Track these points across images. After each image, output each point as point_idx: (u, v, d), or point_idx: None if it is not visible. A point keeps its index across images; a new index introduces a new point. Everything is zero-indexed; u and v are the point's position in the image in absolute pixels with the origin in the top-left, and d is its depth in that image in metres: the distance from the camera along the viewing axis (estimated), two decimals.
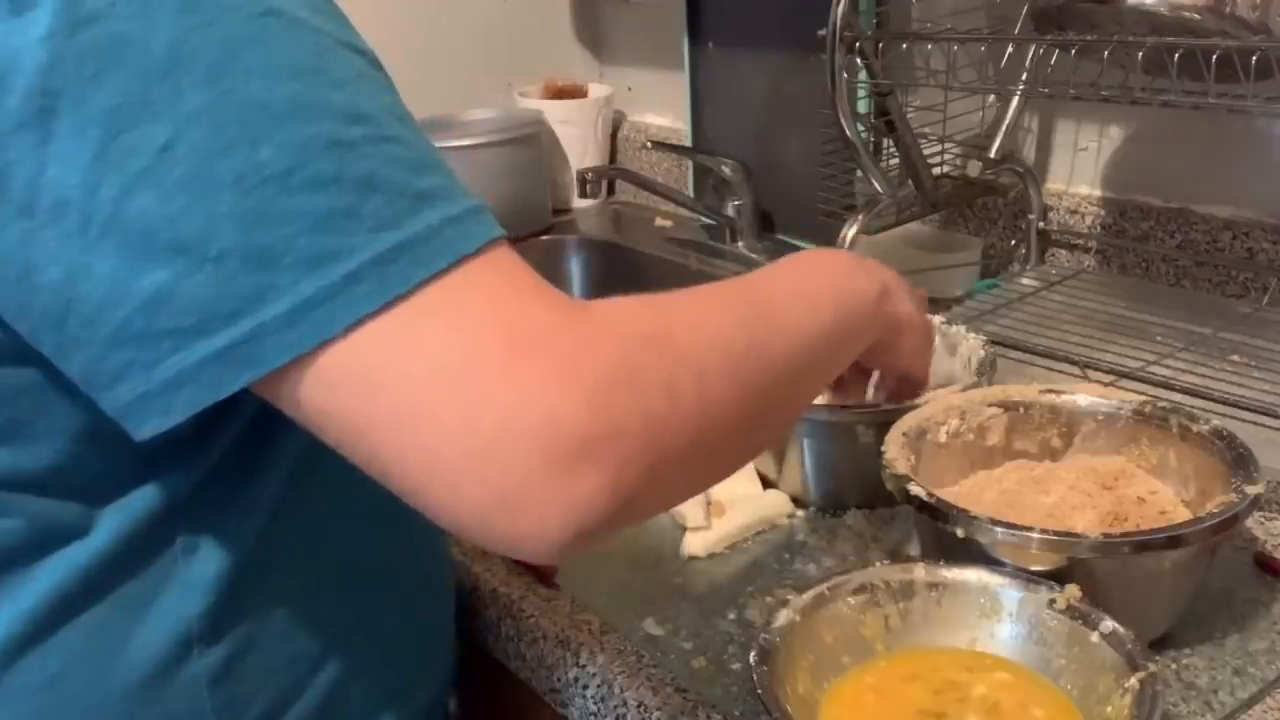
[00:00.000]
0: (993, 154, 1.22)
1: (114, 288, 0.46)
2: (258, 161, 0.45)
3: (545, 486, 0.45)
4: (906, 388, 0.83)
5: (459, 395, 0.45)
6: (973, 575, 0.67)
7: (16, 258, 0.46)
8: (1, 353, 0.52)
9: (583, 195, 1.54)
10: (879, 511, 0.86)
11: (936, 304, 1.20)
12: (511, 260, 0.49)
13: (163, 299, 0.45)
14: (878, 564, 0.69)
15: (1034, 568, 0.66)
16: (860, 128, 1.16)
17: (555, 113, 1.69)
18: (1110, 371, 0.95)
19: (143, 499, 0.57)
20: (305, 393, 0.47)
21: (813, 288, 0.65)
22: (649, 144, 1.63)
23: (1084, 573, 0.65)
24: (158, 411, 0.47)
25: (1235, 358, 0.96)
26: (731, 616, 0.76)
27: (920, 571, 0.68)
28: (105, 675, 0.58)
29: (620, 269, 1.60)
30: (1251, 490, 0.68)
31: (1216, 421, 0.77)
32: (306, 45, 0.48)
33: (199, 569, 0.59)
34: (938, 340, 0.93)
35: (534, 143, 1.63)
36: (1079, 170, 1.25)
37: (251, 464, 0.60)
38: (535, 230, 1.64)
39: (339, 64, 0.49)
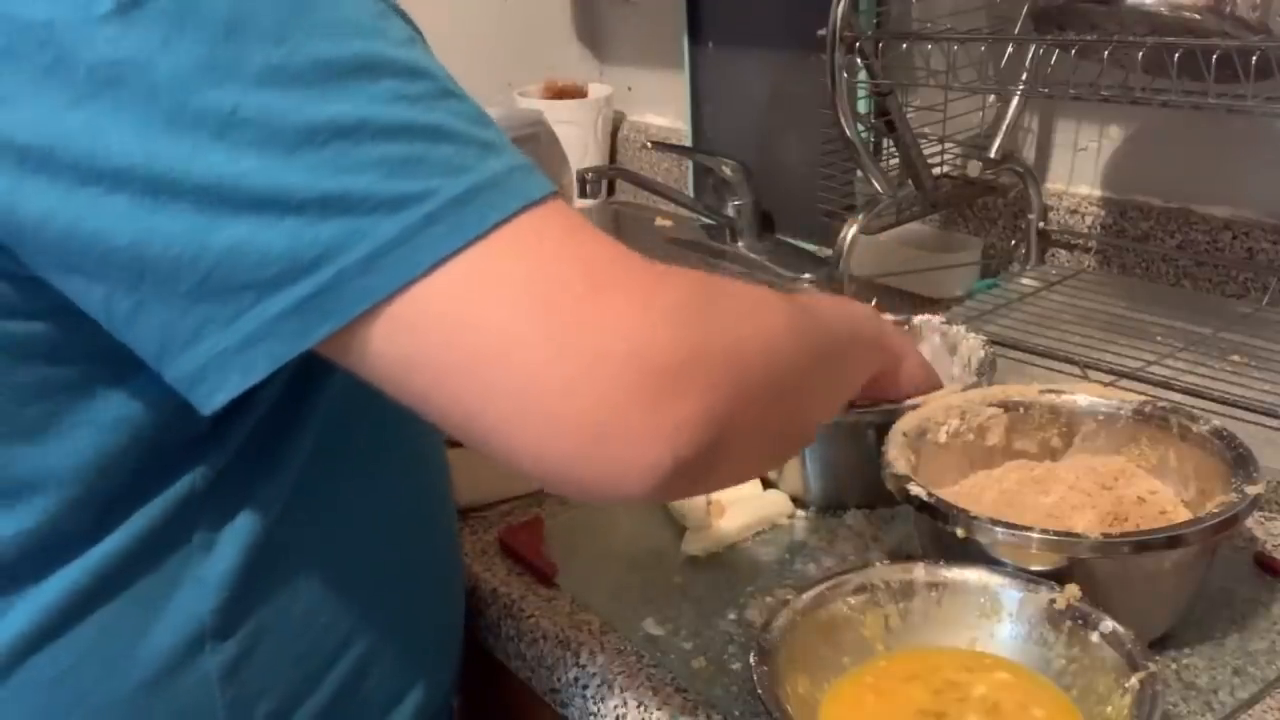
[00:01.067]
0: (993, 154, 1.22)
1: (189, 246, 0.45)
2: (328, 117, 0.45)
3: (640, 413, 0.45)
4: None
5: (543, 328, 0.45)
6: (973, 575, 0.67)
7: (84, 227, 0.46)
8: (49, 346, 0.52)
9: (583, 195, 1.53)
10: (879, 511, 0.86)
11: (936, 304, 1.21)
12: (573, 210, 0.50)
13: (240, 253, 0.45)
14: (878, 564, 0.69)
15: (1034, 568, 0.66)
16: (860, 128, 1.16)
17: (555, 113, 1.69)
18: (1110, 371, 0.95)
19: (162, 497, 0.57)
20: (387, 341, 0.46)
21: (817, 307, 0.67)
22: (649, 144, 1.63)
23: (1084, 573, 0.65)
24: (238, 369, 0.47)
25: (1235, 358, 0.96)
26: (731, 616, 0.75)
27: (920, 571, 0.68)
28: (116, 671, 0.58)
29: None
30: (1251, 490, 0.68)
31: (1216, 421, 0.76)
32: (366, 6, 0.49)
33: (214, 566, 0.59)
34: (938, 340, 0.94)
35: (534, 143, 1.62)
36: (1079, 170, 1.25)
37: (267, 460, 0.60)
38: None
39: (395, 26, 0.50)
